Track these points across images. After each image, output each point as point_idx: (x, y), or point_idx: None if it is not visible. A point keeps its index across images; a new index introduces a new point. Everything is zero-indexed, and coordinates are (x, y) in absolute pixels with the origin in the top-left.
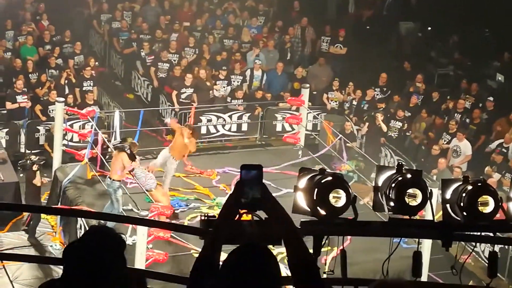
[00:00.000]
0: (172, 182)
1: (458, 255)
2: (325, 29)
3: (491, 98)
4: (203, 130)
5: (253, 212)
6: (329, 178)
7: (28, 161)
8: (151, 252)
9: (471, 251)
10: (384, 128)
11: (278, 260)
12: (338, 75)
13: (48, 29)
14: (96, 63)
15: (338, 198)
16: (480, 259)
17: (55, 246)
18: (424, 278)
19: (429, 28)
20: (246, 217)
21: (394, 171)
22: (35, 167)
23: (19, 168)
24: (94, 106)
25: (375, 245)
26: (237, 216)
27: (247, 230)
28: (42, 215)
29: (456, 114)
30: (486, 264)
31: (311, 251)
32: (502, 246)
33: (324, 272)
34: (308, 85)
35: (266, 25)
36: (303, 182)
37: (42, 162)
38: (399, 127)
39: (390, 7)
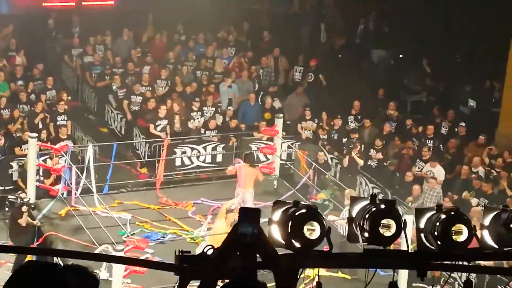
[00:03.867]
0: (146, 214)
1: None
2: (298, 58)
3: (463, 124)
4: (178, 162)
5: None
6: (303, 210)
7: (19, 199)
8: (127, 287)
9: (447, 279)
10: (361, 162)
11: None
12: (311, 104)
13: (21, 64)
14: (69, 97)
15: (312, 231)
16: (457, 284)
17: None
18: None
19: (401, 56)
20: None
21: (368, 202)
22: (24, 208)
23: (6, 203)
24: (68, 140)
25: (353, 272)
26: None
27: (233, 265)
28: None
29: (427, 140)
30: None
31: None
32: None
33: None
34: (282, 115)
35: (237, 56)
36: (277, 215)
37: (32, 206)
38: (379, 158)
39: (362, 35)
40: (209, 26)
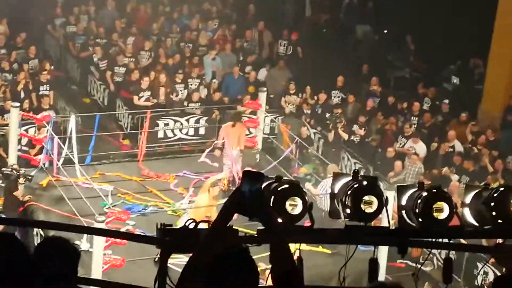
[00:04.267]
0: (128, 186)
1: (418, 260)
2: (282, 32)
3: (446, 101)
4: (160, 134)
5: (249, 219)
6: (286, 185)
7: (15, 172)
8: (108, 258)
9: (428, 255)
10: (345, 136)
11: None
12: (295, 78)
13: (4, 33)
14: (52, 67)
15: (294, 206)
16: (436, 259)
17: None
18: None
19: (385, 31)
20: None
21: (350, 178)
22: (21, 180)
23: (1, 175)
24: (50, 110)
25: (333, 246)
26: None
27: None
28: None
29: (412, 117)
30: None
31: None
32: None
33: None
34: (265, 89)
35: (221, 28)
36: None
37: (29, 178)
38: (361, 134)
39: (346, 10)
40: None
